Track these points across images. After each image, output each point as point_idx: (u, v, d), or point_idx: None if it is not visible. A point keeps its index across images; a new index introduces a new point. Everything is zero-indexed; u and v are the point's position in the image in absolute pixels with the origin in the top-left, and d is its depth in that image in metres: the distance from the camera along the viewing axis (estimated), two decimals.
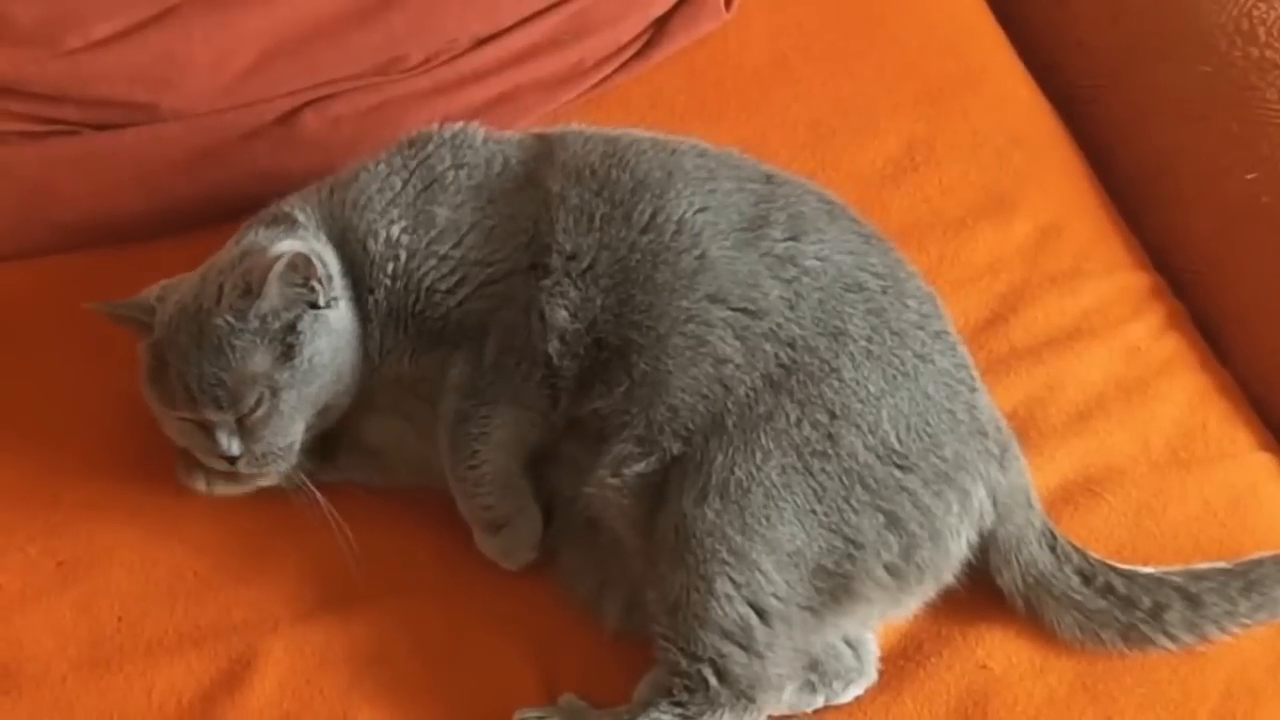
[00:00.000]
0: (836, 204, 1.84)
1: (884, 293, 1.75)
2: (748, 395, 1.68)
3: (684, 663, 1.65)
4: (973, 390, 1.76)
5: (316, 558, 1.81)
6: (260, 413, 1.74)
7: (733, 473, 1.65)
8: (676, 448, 1.69)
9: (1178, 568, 1.77)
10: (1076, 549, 1.77)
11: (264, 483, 1.82)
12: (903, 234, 1.99)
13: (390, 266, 1.79)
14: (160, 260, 1.94)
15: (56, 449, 1.91)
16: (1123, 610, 1.73)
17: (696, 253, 1.74)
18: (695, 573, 1.64)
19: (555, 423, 1.78)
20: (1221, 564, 1.78)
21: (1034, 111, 2.32)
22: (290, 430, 1.77)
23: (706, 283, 1.72)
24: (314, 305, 1.76)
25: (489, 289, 1.78)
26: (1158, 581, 1.75)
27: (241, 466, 1.78)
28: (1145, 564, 1.78)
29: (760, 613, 1.64)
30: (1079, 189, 2.24)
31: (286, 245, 1.75)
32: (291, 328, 1.74)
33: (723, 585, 1.63)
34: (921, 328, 1.75)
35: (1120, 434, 1.94)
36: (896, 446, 1.67)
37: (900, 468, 1.67)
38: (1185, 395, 2.00)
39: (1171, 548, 1.84)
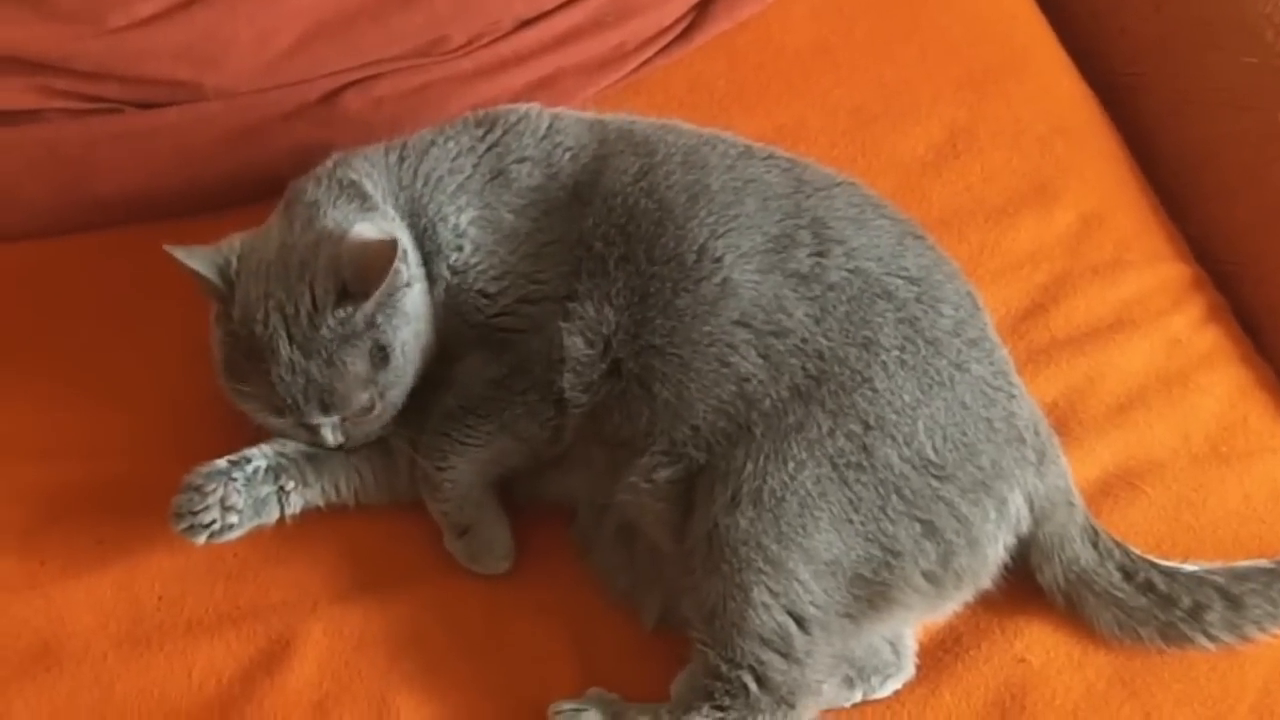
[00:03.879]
0: (869, 203, 1.83)
1: (917, 300, 1.73)
2: (774, 407, 1.68)
3: (724, 668, 1.64)
4: (1010, 396, 1.74)
5: (355, 540, 1.82)
6: (373, 412, 1.76)
7: (765, 481, 1.64)
8: (702, 458, 1.69)
9: (1219, 565, 1.76)
10: (1119, 545, 1.76)
11: None
12: (943, 222, 2.00)
13: (454, 257, 1.79)
14: (201, 237, 1.88)
15: (97, 425, 1.91)
16: (1162, 609, 1.73)
17: (718, 279, 1.72)
18: (731, 581, 1.63)
19: (562, 441, 1.79)
20: (1264, 562, 1.77)
21: (1076, 99, 2.31)
22: (390, 416, 1.78)
23: (729, 308, 1.71)
24: (393, 290, 1.72)
25: (525, 308, 1.78)
26: (1198, 581, 1.74)
27: (349, 445, 1.80)
28: (1184, 559, 1.78)
29: (799, 621, 1.64)
30: (1121, 178, 2.23)
31: (367, 230, 1.74)
32: (373, 322, 1.71)
33: (760, 594, 1.63)
34: (957, 335, 1.73)
35: (1160, 427, 1.94)
36: (933, 457, 1.66)
37: (937, 477, 1.66)
38: (1226, 389, 1.99)
39: (1210, 542, 1.84)
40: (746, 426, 1.67)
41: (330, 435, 1.76)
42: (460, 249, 1.78)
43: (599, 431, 1.75)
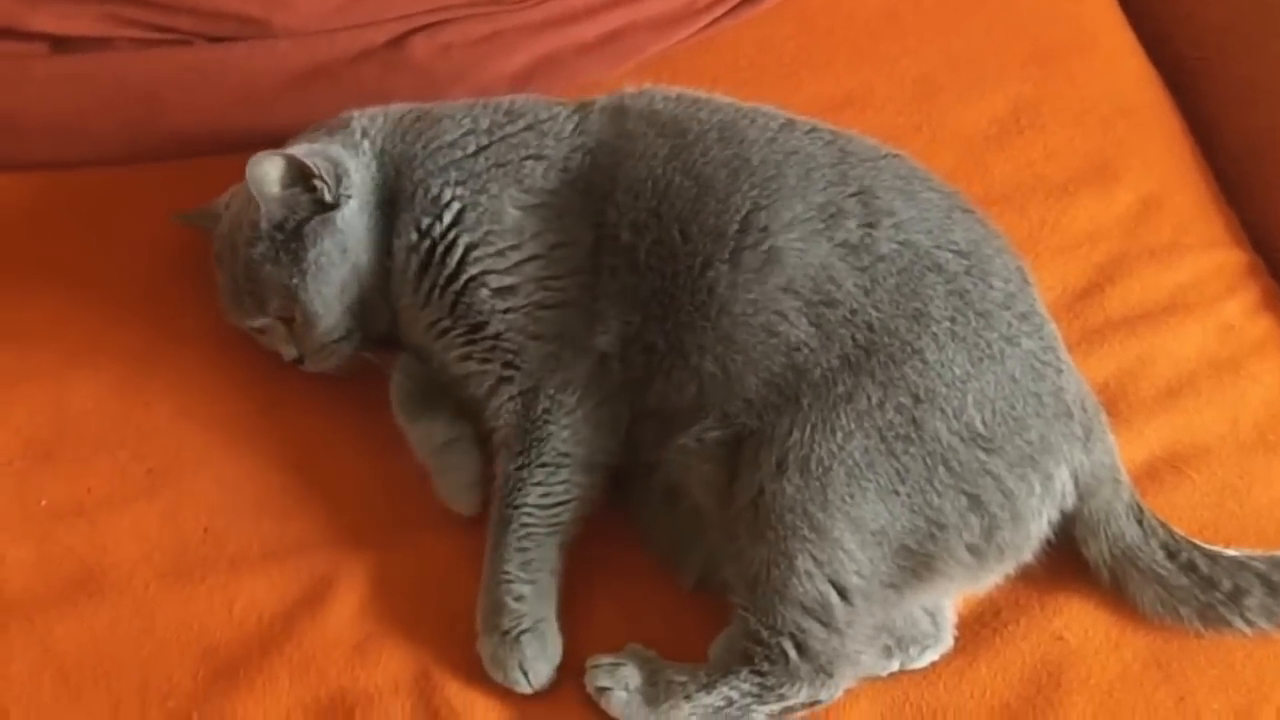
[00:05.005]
0: (916, 175, 1.81)
1: (967, 273, 1.71)
2: (824, 377, 1.66)
3: (764, 634, 1.63)
4: (1059, 371, 1.72)
5: (399, 481, 1.82)
6: (297, 318, 1.81)
7: (813, 450, 1.63)
8: (754, 424, 1.68)
9: (1261, 553, 1.75)
10: (1162, 524, 1.75)
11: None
12: (1004, 198, 2.00)
13: (426, 221, 1.80)
14: None
15: (152, 354, 1.92)
16: (1203, 590, 1.72)
17: (764, 248, 1.71)
18: (775, 548, 1.63)
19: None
20: None
21: (1142, 81, 2.30)
22: (331, 329, 1.82)
23: (776, 275, 1.70)
24: (323, 205, 1.80)
25: (541, 314, 1.78)
26: (1240, 565, 1.73)
27: (309, 366, 1.85)
28: (1227, 546, 1.76)
29: (841, 590, 1.63)
30: (1182, 162, 2.22)
31: (299, 149, 1.81)
32: (297, 233, 1.80)
33: (804, 562, 1.62)
34: (1008, 308, 1.71)
35: (1209, 412, 1.92)
36: (981, 430, 1.65)
37: (984, 450, 1.65)
38: (1276, 377, 1.98)
39: (1254, 530, 1.82)
40: (795, 396, 1.66)
41: (283, 346, 1.85)
42: (438, 218, 1.80)
43: (644, 404, 1.75)
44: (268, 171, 1.78)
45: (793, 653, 1.63)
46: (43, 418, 1.86)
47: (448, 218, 1.79)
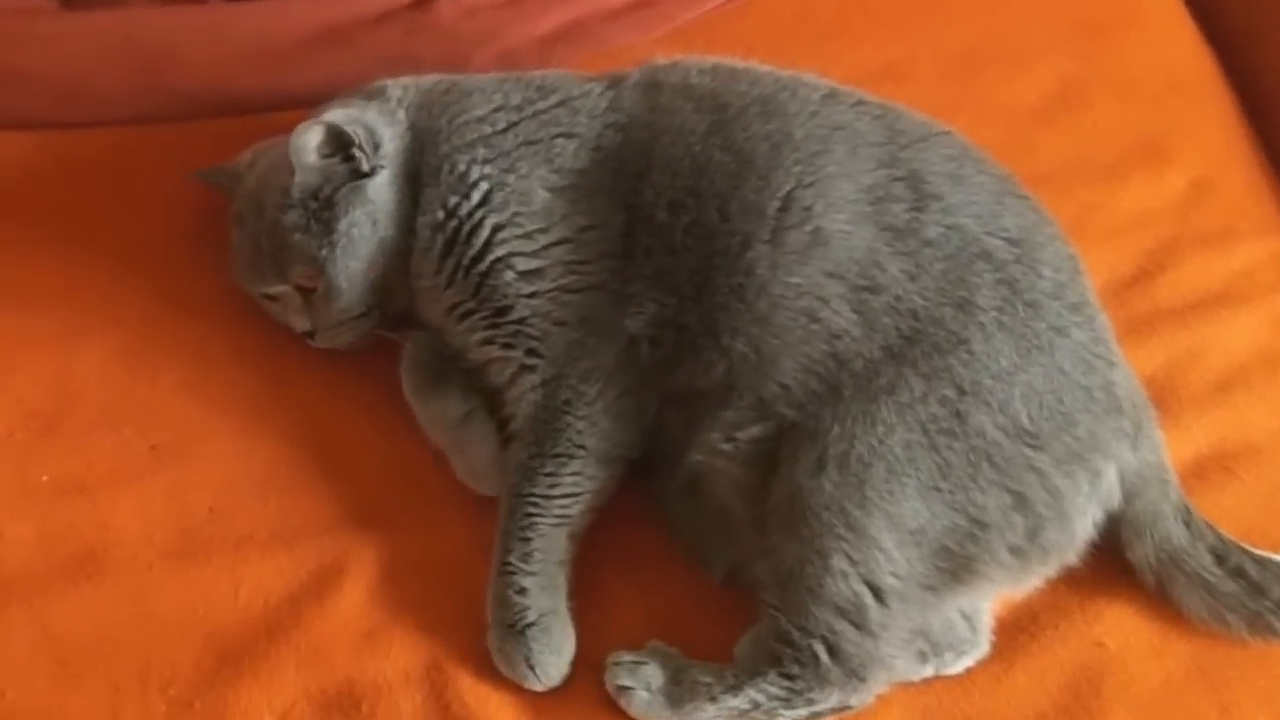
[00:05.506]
0: (967, 156, 1.76)
1: (1016, 261, 1.66)
2: (865, 367, 1.62)
3: (795, 635, 1.59)
4: (1110, 365, 1.68)
5: (411, 461, 1.78)
6: (318, 290, 1.77)
7: (852, 445, 1.58)
8: (792, 415, 1.63)
9: None
10: (1210, 527, 1.70)
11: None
12: (1050, 178, 1.92)
13: (454, 201, 1.75)
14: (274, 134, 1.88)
15: (159, 323, 1.88)
16: (1251, 597, 1.66)
17: (808, 229, 1.66)
18: (810, 546, 1.58)
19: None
20: None
21: (1194, 56, 2.26)
22: (352, 304, 1.78)
23: (820, 259, 1.65)
24: (357, 174, 1.76)
25: (566, 298, 1.73)
26: None
27: (319, 341, 1.81)
28: (1276, 550, 1.71)
29: (876, 591, 1.58)
30: (1235, 142, 2.17)
31: (330, 115, 1.76)
32: (330, 202, 1.76)
33: (838, 561, 1.57)
34: (1058, 298, 1.66)
35: (1260, 409, 1.86)
36: (1027, 425, 1.60)
37: (1030, 446, 1.60)
38: None
39: None
40: (836, 387, 1.61)
41: (296, 318, 1.81)
42: (465, 197, 1.74)
43: (672, 385, 1.70)
44: (308, 141, 1.74)
45: (824, 655, 1.58)
46: (45, 389, 1.82)
47: (475, 197, 1.74)
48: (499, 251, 1.73)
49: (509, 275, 1.72)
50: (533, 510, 1.67)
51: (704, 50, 1.86)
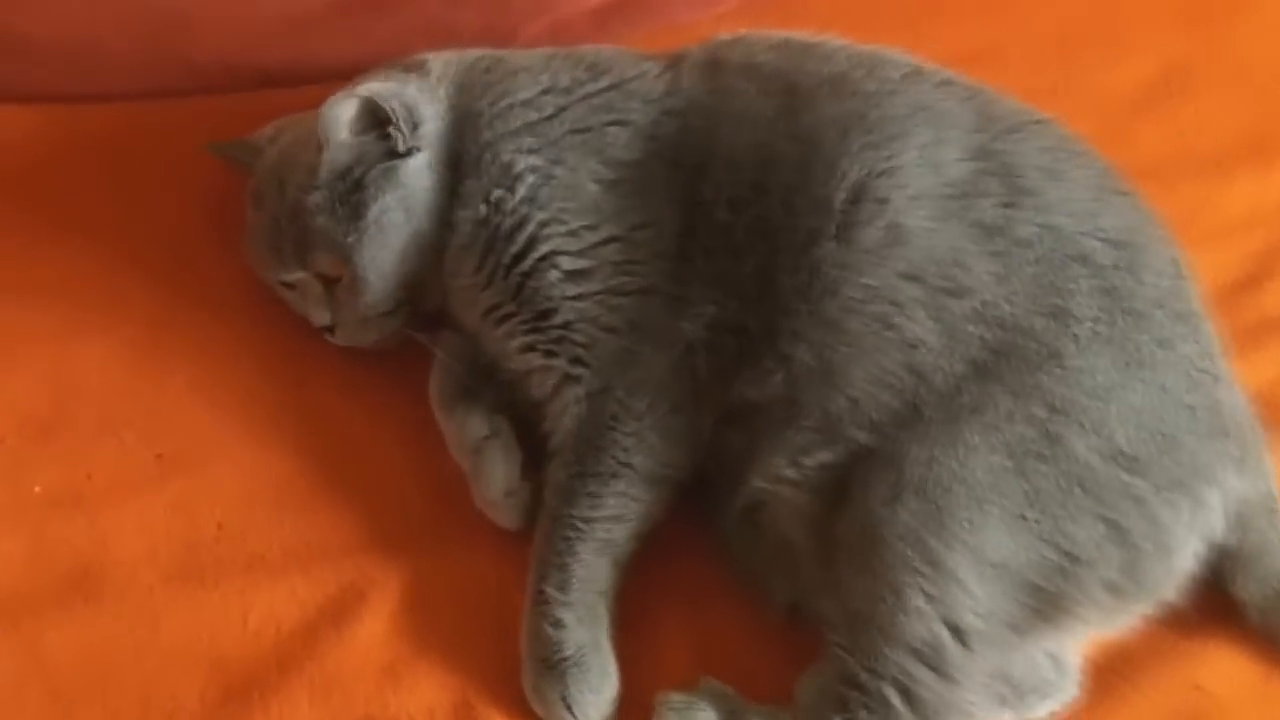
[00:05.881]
0: (1066, 148, 1.65)
1: (1116, 266, 1.54)
2: (946, 383, 1.49)
3: (864, 678, 1.46)
4: (1216, 381, 1.55)
5: (446, 476, 1.67)
6: (343, 281, 1.67)
7: (931, 470, 1.46)
8: (863, 438, 1.51)
9: None
10: None
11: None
12: (1150, 171, 1.80)
13: (497, 194, 1.64)
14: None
15: (168, 319, 1.79)
16: None
17: (882, 224, 1.54)
18: (883, 581, 1.45)
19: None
20: None
21: None
22: (379, 300, 1.68)
23: (897, 258, 1.53)
24: (392, 154, 1.66)
25: (615, 300, 1.61)
26: None
27: (339, 338, 1.71)
28: None
29: (956, 631, 1.45)
30: None
31: (365, 88, 1.67)
32: (360, 184, 1.66)
33: (914, 598, 1.44)
34: (1161, 306, 1.54)
35: None
36: (1125, 448, 1.48)
37: (1128, 472, 1.48)
38: None
39: None
40: (913, 405, 1.49)
41: (316, 310, 1.70)
42: (510, 191, 1.63)
43: (729, 398, 1.58)
44: (340, 114, 1.65)
45: (896, 701, 1.45)
46: (41, 391, 1.73)
47: (520, 191, 1.62)
48: (543, 250, 1.61)
49: (553, 275, 1.61)
50: (572, 534, 1.56)
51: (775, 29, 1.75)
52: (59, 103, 1.97)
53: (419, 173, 1.67)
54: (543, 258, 1.61)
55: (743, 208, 1.58)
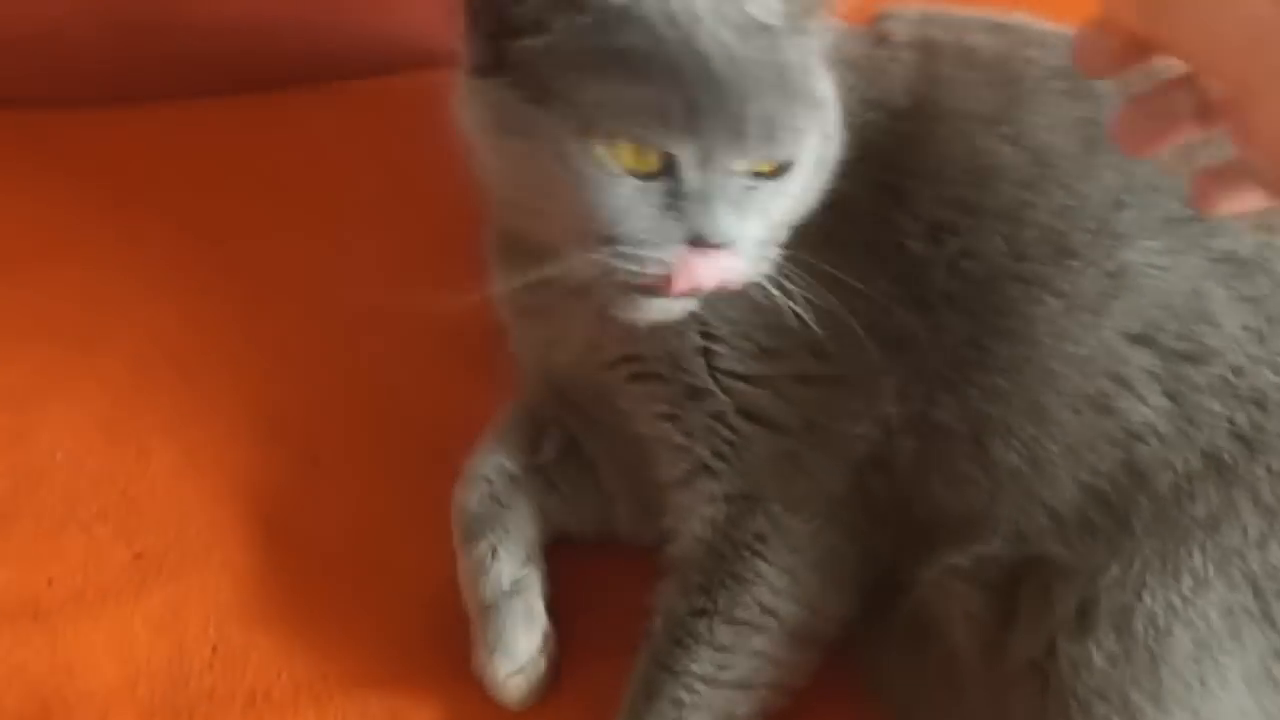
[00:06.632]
0: None
1: None
2: (1174, 485, 1.13)
3: None
4: None
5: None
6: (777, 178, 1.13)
7: (1140, 599, 1.11)
8: (1055, 551, 1.16)
9: None
10: None
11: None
12: None
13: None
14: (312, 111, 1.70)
15: (150, 377, 1.51)
16: None
17: (1111, 267, 1.17)
18: None
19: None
20: None
21: None
22: (780, 224, 1.15)
23: (1121, 313, 1.17)
24: None
25: (796, 392, 1.22)
26: None
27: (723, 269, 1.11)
28: None
29: None
30: None
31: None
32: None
33: None
34: None
35: None
36: None
37: None
38: None
39: None
40: (1125, 516, 1.14)
41: (724, 212, 1.07)
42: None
43: (908, 521, 1.23)
44: None
45: None
46: None
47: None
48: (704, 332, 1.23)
49: (726, 350, 1.23)
50: (685, 696, 1.22)
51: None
52: (17, 107, 1.76)
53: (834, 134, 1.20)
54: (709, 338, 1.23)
55: (945, 237, 1.20)
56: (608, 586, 1.34)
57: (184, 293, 1.57)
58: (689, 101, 1.05)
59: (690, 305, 1.12)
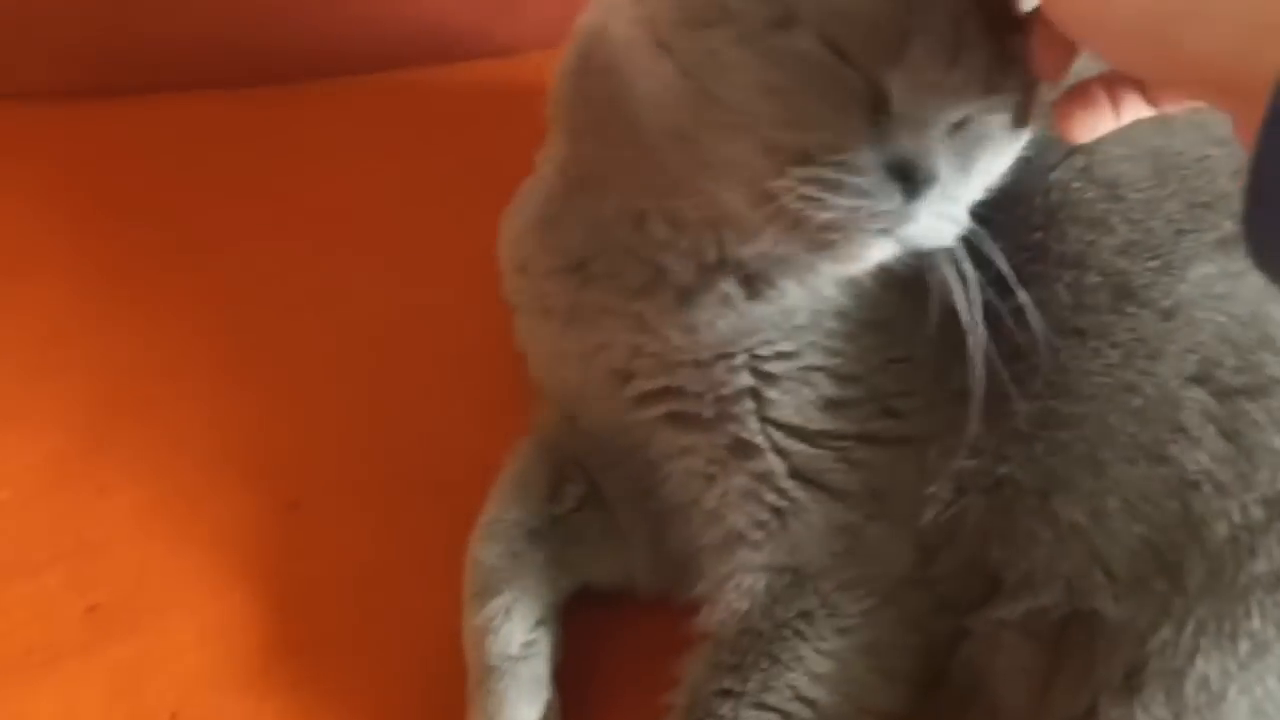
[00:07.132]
0: None
1: None
2: (1233, 538, 1.03)
3: None
4: None
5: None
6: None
7: (1193, 662, 1.02)
8: (1106, 607, 1.06)
9: None
10: None
11: None
12: None
13: None
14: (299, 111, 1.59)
15: (111, 408, 1.39)
16: None
17: (1167, 303, 1.07)
18: None
19: None
20: None
21: None
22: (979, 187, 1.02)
23: (1175, 354, 1.07)
24: None
25: (860, 454, 1.10)
26: None
27: (916, 219, 0.96)
28: None
29: None
30: None
31: None
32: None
33: None
34: None
35: None
36: None
37: None
38: None
39: None
40: (1178, 571, 1.04)
41: (932, 152, 0.93)
42: None
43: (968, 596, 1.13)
44: None
45: None
46: None
47: None
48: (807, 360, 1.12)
49: (788, 401, 1.11)
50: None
51: None
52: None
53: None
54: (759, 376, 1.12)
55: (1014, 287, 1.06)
56: (624, 650, 1.23)
57: (153, 313, 1.46)
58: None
59: (891, 250, 0.97)
